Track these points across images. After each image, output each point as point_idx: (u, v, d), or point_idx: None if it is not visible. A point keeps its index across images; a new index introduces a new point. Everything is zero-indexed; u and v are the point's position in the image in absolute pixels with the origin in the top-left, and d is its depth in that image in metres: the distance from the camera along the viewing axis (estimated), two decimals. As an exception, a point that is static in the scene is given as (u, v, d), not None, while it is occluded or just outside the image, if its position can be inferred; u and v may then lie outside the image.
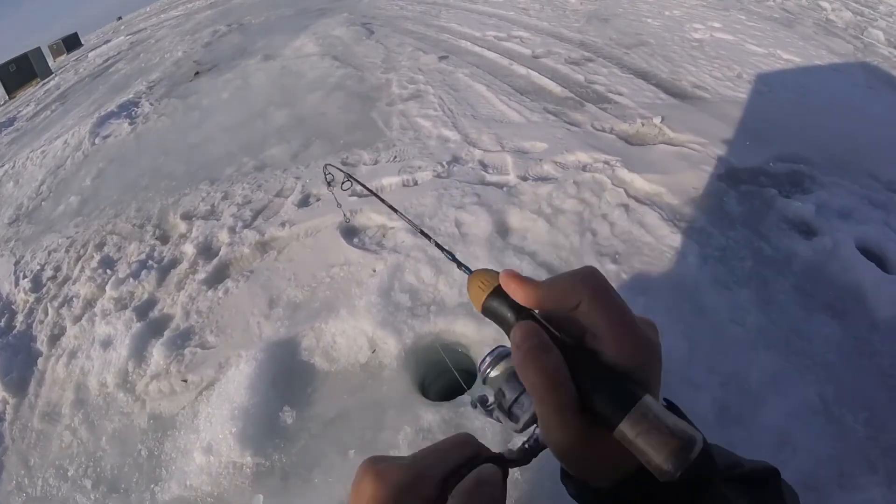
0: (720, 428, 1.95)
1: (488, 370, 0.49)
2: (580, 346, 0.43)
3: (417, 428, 2.10)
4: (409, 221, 0.68)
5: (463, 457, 0.44)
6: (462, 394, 2.16)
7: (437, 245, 0.63)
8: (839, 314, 2.35)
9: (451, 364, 1.91)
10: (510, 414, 0.46)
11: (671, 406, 0.45)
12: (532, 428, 0.45)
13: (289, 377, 2.46)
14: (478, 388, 0.50)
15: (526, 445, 0.46)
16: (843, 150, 3.44)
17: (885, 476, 1.82)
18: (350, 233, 3.27)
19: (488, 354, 0.49)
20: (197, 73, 8.78)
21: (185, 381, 2.67)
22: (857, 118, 3.93)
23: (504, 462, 0.46)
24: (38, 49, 26.00)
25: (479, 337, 2.35)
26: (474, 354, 2.33)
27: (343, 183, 0.86)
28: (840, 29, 6.15)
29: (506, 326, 0.46)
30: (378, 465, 0.43)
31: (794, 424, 1.96)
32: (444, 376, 2.43)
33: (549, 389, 0.40)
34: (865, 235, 2.71)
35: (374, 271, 2.84)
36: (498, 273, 0.47)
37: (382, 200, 0.71)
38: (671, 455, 0.36)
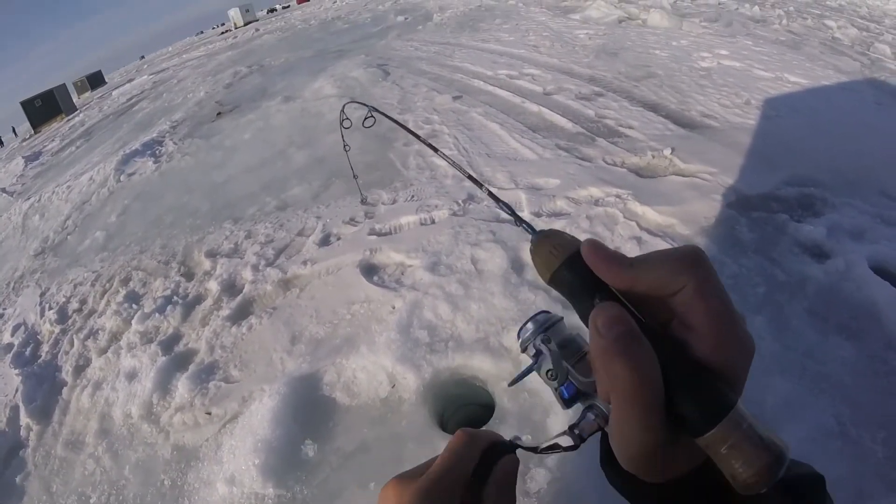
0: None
1: (532, 339, 0.44)
2: (666, 334, 0.37)
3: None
4: (460, 169, 0.63)
5: (478, 451, 0.45)
6: (480, 427, 2.22)
7: (491, 195, 0.54)
8: (854, 335, 2.35)
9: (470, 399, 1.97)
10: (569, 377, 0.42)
11: None
12: (581, 410, 0.42)
13: (311, 411, 2.53)
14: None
15: (575, 431, 0.41)
16: (853, 170, 3.47)
17: (907, 494, 1.80)
18: (370, 271, 3.38)
19: (530, 320, 0.45)
20: (219, 113, 9.13)
21: (209, 413, 2.75)
22: (867, 136, 3.96)
23: (518, 449, 0.47)
24: (63, 86, 27.03)
25: (496, 371, 2.42)
26: (492, 389, 2.40)
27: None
28: (846, 47, 6.17)
29: (579, 304, 0.40)
30: (404, 479, 0.44)
31: (810, 448, 1.94)
32: (462, 409, 2.50)
33: (637, 387, 0.34)
34: (878, 254, 2.71)
35: (394, 308, 2.94)
36: (572, 238, 0.41)
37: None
38: (762, 471, 0.32)
